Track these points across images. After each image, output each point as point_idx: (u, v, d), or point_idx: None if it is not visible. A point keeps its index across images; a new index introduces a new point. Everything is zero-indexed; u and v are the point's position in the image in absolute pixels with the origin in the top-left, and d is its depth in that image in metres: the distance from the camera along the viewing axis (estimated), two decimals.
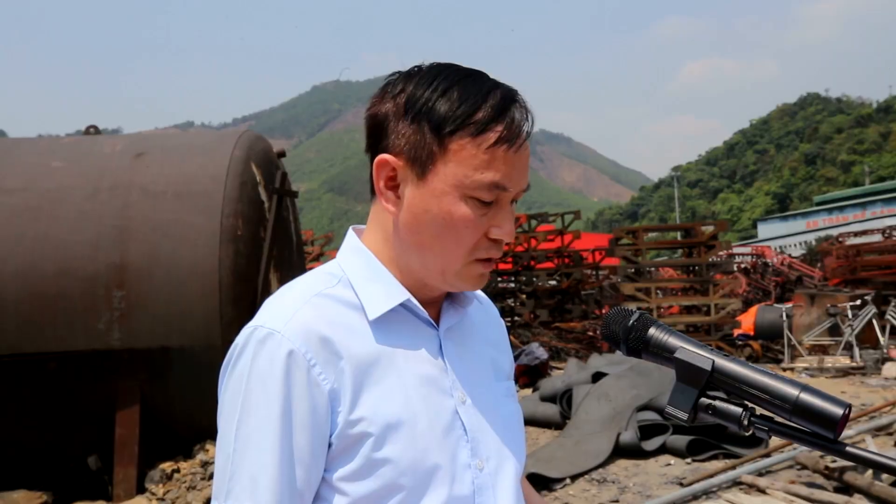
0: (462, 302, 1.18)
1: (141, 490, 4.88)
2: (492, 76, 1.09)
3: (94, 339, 4.93)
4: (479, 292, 1.30)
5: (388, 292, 1.09)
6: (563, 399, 7.63)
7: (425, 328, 1.13)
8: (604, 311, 17.37)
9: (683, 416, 0.92)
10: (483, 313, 1.29)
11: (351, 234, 1.17)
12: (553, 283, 16.83)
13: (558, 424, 7.49)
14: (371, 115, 1.10)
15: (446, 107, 1.03)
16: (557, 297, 16.53)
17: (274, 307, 1.06)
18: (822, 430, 0.87)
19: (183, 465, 5.00)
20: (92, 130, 6.17)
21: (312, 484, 1.01)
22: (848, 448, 0.87)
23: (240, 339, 1.04)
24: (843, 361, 11.47)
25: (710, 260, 14.03)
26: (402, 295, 1.09)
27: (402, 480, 1.01)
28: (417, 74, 1.07)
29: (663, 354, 0.96)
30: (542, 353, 10.64)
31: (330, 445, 1.02)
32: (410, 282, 1.11)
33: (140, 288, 4.96)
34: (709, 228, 14.34)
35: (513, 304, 16.26)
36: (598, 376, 7.63)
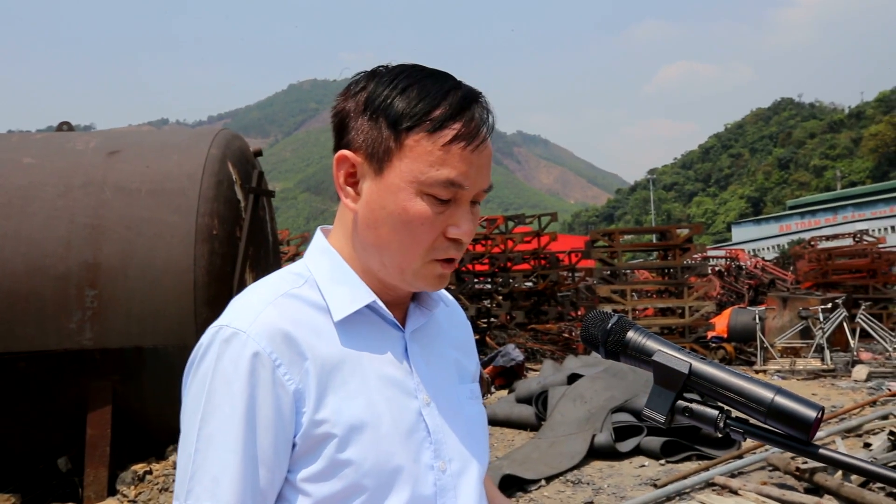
0: (428, 304, 1.18)
1: (112, 492, 4.82)
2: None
3: (66, 339, 4.86)
4: (447, 295, 1.30)
5: (354, 294, 1.09)
6: (539, 401, 7.66)
7: (391, 330, 1.13)
8: (580, 313, 17.47)
9: (661, 418, 0.93)
10: (449, 316, 1.29)
11: (318, 235, 1.17)
12: (529, 284, 16.88)
13: (534, 426, 7.51)
14: (335, 113, 1.11)
15: (404, 103, 1.03)
16: (533, 299, 16.58)
17: (239, 307, 1.06)
18: (795, 432, 0.88)
19: (155, 466, 4.94)
20: (65, 127, 6.08)
21: (276, 484, 1.01)
22: (821, 450, 0.89)
23: (204, 338, 1.04)
24: (814, 364, 11.63)
25: (685, 262, 14.15)
26: (368, 297, 1.09)
27: (365, 482, 1.01)
28: (380, 73, 1.08)
29: (641, 357, 0.97)
30: (517, 355, 10.66)
31: (294, 446, 1.01)
32: (373, 282, 1.11)
33: (113, 287, 4.90)
34: (684, 231, 14.47)
35: (489, 306, 16.28)
36: (573, 378, 7.67)
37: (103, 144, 5.41)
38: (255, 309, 1.04)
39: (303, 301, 1.07)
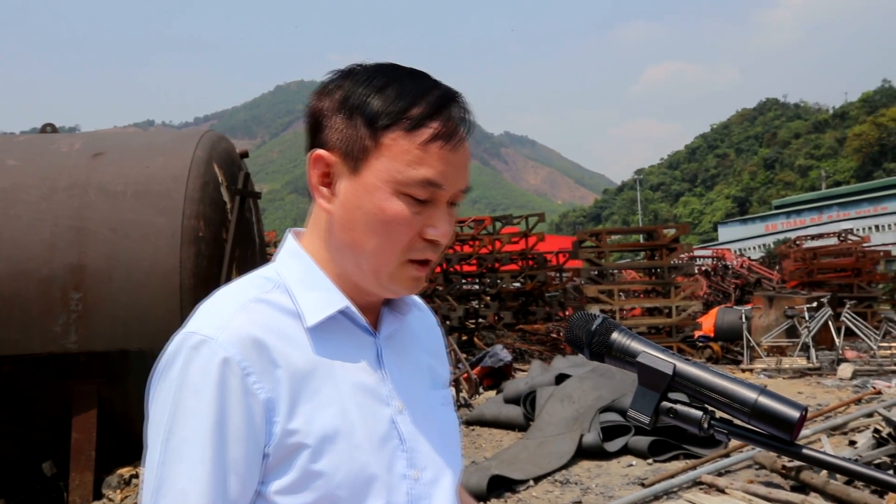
0: (401, 309, 1.16)
1: (98, 496, 4.79)
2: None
3: (50, 342, 4.82)
4: (419, 300, 1.27)
5: (326, 299, 1.06)
6: (527, 401, 7.67)
7: (364, 336, 1.10)
8: (567, 313, 17.49)
9: (645, 419, 0.93)
10: (422, 321, 1.26)
11: (289, 237, 1.14)
12: (517, 285, 16.90)
13: (522, 426, 7.52)
14: (309, 111, 1.08)
15: (381, 102, 1.01)
16: (521, 299, 16.60)
17: (208, 313, 1.02)
18: (779, 432, 0.88)
19: (141, 470, 4.91)
20: (48, 128, 6.03)
21: (247, 496, 0.98)
22: (804, 450, 0.89)
23: (171, 346, 1.00)
24: (800, 362, 11.71)
25: (672, 262, 14.22)
26: (341, 302, 1.06)
27: (339, 492, 0.98)
28: (356, 72, 1.06)
29: (626, 359, 0.97)
30: (505, 355, 10.68)
31: (265, 456, 0.98)
32: (347, 286, 1.08)
33: (98, 290, 4.86)
34: (670, 231, 14.54)
35: (477, 306, 16.29)
36: (561, 378, 7.68)
37: (88, 146, 5.37)
38: (225, 315, 1.00)
39: (273, 306, 1.04)
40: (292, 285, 1.07)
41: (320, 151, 1.05)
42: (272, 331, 1.01)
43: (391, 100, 1.01)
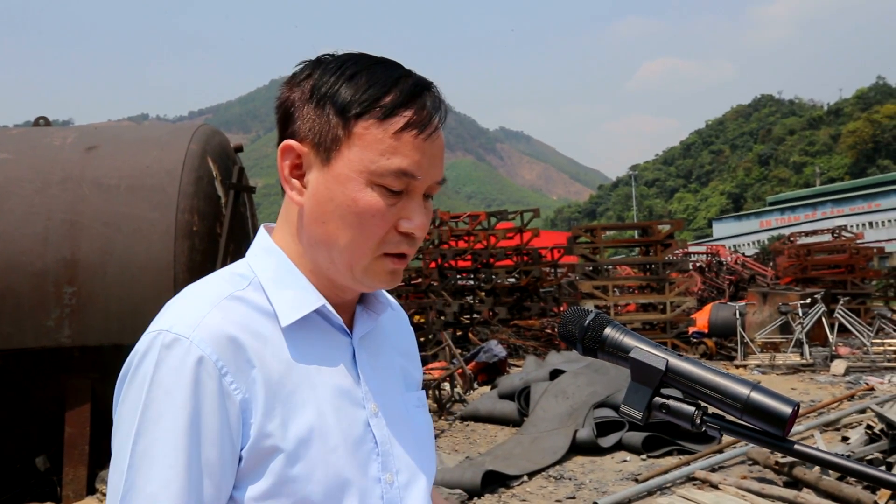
0: (376, 308, 1.13)
1: (91, 491, 4.78)
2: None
3: (44, 337, 4.81)
4: (392, 299, 1.24)
5: (301, 298, 1.03)
6: (522, 396, 7.68)
7: (339, 336, 1.07)
8: (562, 309, 17.52)
9: (638, 414, 0.92)
10: (395, 321, 1.23)
11: (262, 233, 1.11)
12: (512, 280, 16.92)
13: (516, 422, 7.54)
14: (279, 103, 1.05)
15: (353, 90, 0.98)
16: (516, 295, 16.62)
17: (180, 310, 0.97)
18: (771, 428, 0.88)
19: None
20: (42, 122, 6.01)
21: (221, 501, 0.94)
22: (796, 446, 0.89)
23: (140, 345, 0.95)
24: (794, 359, 11.75)
25: (667, 258, 14.25)
26: (317, 301, 1.03)
27: (314, 497, 0.96)
28: (326, 61, 1.03)
29: (618, 354, 0.96)
30: (500, 351, 10.69)
31: (240, 460, 0.95)
32: (321, 281, 1.05)
33: (92, 284, 4.85)
34: (665, 227, 14.57)
35: (472, 302, 16.30)
36: (555, 374, 7.70)
37: (81, 140, 5.35)
38: (198, 312, 0.96)
39: (248, 304, 1.00)
40: (266, 283, 1.04)
41: (290, 142, 1.02)
42: (247, 330, 0.98)
43: (362, 88, 0.98)
